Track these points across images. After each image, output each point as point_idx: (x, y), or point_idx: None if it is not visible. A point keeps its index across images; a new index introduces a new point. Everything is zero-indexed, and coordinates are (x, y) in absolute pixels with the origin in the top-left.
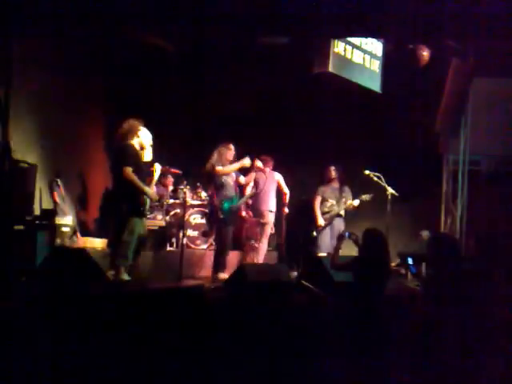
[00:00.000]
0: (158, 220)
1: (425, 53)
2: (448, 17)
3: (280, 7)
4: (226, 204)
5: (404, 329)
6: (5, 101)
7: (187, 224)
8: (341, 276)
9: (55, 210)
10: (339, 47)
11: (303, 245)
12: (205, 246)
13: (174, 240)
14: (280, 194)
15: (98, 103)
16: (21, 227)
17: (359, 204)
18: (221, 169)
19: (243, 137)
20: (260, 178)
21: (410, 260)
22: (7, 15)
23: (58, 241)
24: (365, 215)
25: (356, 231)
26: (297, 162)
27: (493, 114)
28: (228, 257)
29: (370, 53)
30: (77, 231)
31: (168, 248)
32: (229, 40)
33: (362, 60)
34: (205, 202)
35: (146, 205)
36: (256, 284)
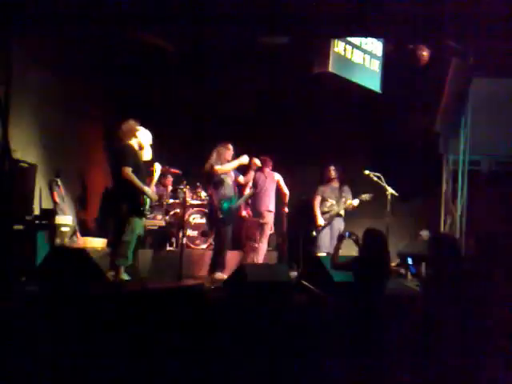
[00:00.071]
0: (158, 220)
1: (425, 53)
2: (448, 17)
3: (280, 7)
4: (226, 204)
5: (404, 329)
6: (5, 101)
7: (187, 224)
8: (340, 276)
9: (55, 210)
10: (339, 47)
11: (303, 245)
12: (204, 246)
13: (174, 240)
14: (280, 195)
15: (98, 103)
16: (20, 227)
17: (359, 204)
18: (219, 168)
19: (243, 137)
20: (259, 178)
21: (410, 260)
22: (7, 15)
23: (58, 241)
24: (365, 215)
25: (356, 231)
26: (297, 162)
27: (493, 114)
28: (227, 257)
29: (370, 53)
30: (77, 231)
31: (168, 248)
32: (229, 40)
33: (362, 60)
34: (204, 202)
35: (146, 205)
36: (256, 284)
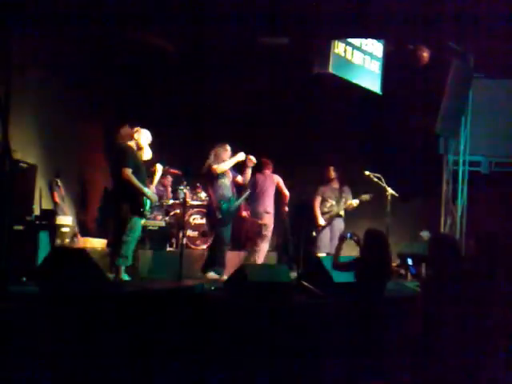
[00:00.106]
0: (158, 220)
1: (425, 53)
2: (448, 17)
3: (280, 7)
4: (225, 205)
5: (404, 329)
6: (5, 101)
7: (187, 224)
8: (341, 276)
9: (56, 211)
10: (339, 48)
11: (303, 245)
12: (205, 246)
13: (174, 240)
14: (280, 196)
15: (98, 103)
16: (20, 227)
17: (359, 204)
18: (217, 167)
19: (243, 137)
20: (259, 180)
21: (410, 261)
22: (7, 15)
23: (58, 241)
24: (365, 216)
25: (356, 231)
26: (297, 163)
27: (493, 115)
28: (227, 257)
29: (371, 54)
30: (77, 232)
31: (168, 248)
32: (229, 40)
33: (363, 61)
34: (205, 203)
35: (146, 206)
36: (256, 284)
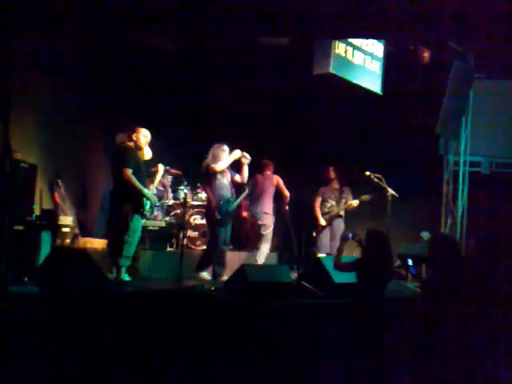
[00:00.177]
0: (159, 220)
1: (425, 54)
2: (449, 18)
3: (280, 7)
4: (224, 205)
5: (404, 330)
6: (5, 101)
7: (187, 224)
8: (341, 277)
9: (57, 211)
10: (340, 48)
11: (303, 245)
12: (205, 247)
13: (175, 240)
14: (281, 197)
15: (98, 103)
16: (20, 227)
17: (359, 204)
18: (215, 166)
19: (243, 137)
20: (258, 180)
21: (410, 261)
22: (7, 15)
23: (59, 241)
24: (365, 216)
25: (356, 232)
26: (297, 163)
27: (493, 116)
28: (227, 257)
29: (371, 54)
30: (77, 232)
31: (168, 248)
32: (229, 40)
33: (363, 61)
34: (205, 203)
35: (146, 206)
36: (256, 284)
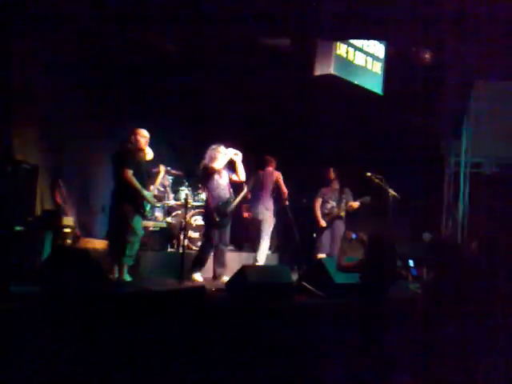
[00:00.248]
0: (159, 221)
1: (427, 55)
2: (450, 18)
3: (280, 8)
4: (222, 207)
5: (405, 330)
6: (6, 101)
7: (188, 225)
8: (342, 277)
9: (60, 211)
10: (341, 49)
11: (303, 246)
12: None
13: (175, 241)
14: (279, 193)
15: (100, 103)
16: (21, 228)
17: (359, 206)
18: (212, 165)
19: (244, 138)
20: (259, 176)
21: (411, 262)
22: (7, 15)
23: (60, 241)
24: (366, 217)
25: (359, 233)
26: (297, 163)
27: (494, 116)
28: (228, 258)
29: (372, 55)
30: (78, 232)
31: (169, 249)
32: (230, 41)
33: (364, 62)
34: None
35: (146, 207)
36: (256, 285)
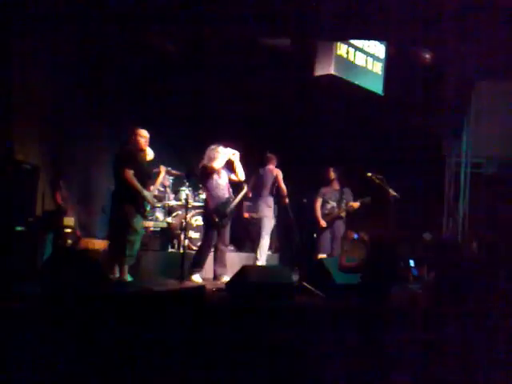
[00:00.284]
0: (160, 221)
1: (427, 55)
2: (450, 18)
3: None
4: (222, 207)
5: (405, 330)
6: (6, 101)
7: (189, 225)
8: (343, 278)
9: (61, 211)
10: (342, 50)
11: (304, 246)
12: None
13: (176, 241)
14: (278, 190)
15: (99, 103)
16: (22, 228)
17: (360, 206)
18: (210, 165)
19: (244, 138)
20: (259, 174)
21: (412, 262)
22: (7, 15)
23: (60, 242)
24: (366, 217)
25: (361, 233)
26: (298, 163)
27: (495, 117)
28: (228, 258)
29: (373, 55)
30: (79, 233)
31: (170, 249)
32: (230, 41)
33: (365, 62)
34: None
35: (146, 207)
36: (257, 285)
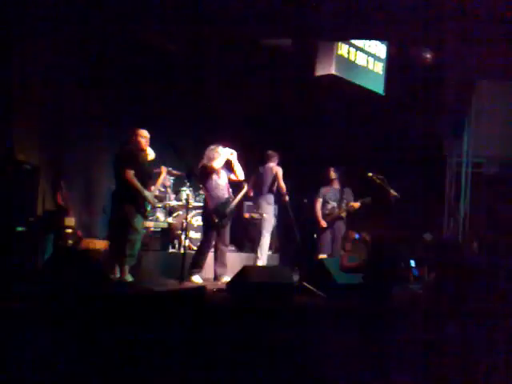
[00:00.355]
0: (161, 222)
1: (428, 55)
2: (451, 18)
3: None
4: (221, 207)
5: (406, 330)
6: (7, 102)
7: (189, 226)
8: (344, 278)
9: (62, 211)
10: (343, 49)
11: (304, 246)
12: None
13: (177, 242)
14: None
15: (101, 104)
16: (23, 228)
17: (360, 206)
18: (209, 165)
19: (245, 138)
20: (259, 172)
21: (413, 262)
22: (7, 16)
23: (61, 242)
24: (367, 217)
25: (363, 233)
26: (298, 164)
27: (495, 117)
28: (229, 258)
29: (374, 55)
30: (80, 233)
31: (170, 249)
32: (231, 41)
33: (366, 62)
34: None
35: (147, 207)
36: (258, 286)
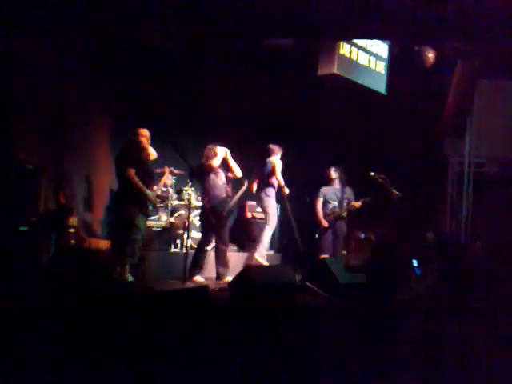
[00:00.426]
0: (162, 221)
1: (430, 54)
2: (452, 18)
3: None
4: (219, 207)
5: (410, 329)
6: (8, 102)
7: (191, 225)
8: (346, 278)
9: (64, 211)
10: (345, 49)
11: (305, 247)
12: (209, 248)
13: (179, 241)
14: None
15: (102, 103)
16: (25, 228)
17: (361, 205)
18: (207, 164)
19: (246, 138)
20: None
21: (415, 262)
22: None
23: (63, 242)
24: (368, 217)
25: (359, 233)
26: (299, 164)
27: (497, 116)
28: (230, 258)
29: (376, 54)
30: (82, 232)
31: (172, 249)
32: (233, 41)
33: (368, 62)
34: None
35: (149, 206)
36: (260, 285)
